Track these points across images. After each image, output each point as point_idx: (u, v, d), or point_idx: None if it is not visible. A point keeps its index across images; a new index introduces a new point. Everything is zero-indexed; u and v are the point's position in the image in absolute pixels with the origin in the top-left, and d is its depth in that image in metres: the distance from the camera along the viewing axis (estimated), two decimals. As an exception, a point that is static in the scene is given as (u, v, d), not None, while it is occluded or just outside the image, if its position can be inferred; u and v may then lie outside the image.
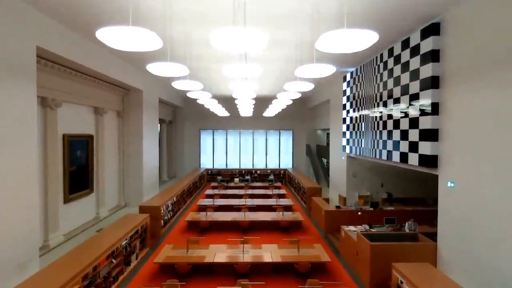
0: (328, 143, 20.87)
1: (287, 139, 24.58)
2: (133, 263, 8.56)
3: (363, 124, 11.50)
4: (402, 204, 12.75)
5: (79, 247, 7.09)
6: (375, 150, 10.34)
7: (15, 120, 6.46)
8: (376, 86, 10.25)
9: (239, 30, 3.98)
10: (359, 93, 11.87)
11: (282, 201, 14.59)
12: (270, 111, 18.07)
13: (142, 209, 10.75)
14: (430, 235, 8.18)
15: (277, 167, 24.20)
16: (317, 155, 22.50)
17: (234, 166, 24.12)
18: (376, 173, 13.61)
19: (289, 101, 12.86)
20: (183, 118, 23.68)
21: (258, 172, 23.13)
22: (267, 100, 18.58)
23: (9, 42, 6.24)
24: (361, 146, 11.63)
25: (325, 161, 21.52)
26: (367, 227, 9.20)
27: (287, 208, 13.67)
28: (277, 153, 24.60)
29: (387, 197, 13.37)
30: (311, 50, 9.10)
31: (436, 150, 7.18)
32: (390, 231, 8.86)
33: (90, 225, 11.16)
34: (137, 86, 13.23)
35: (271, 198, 15.76)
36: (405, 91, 8.35)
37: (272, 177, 21.35)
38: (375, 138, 10.30)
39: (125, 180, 14.26)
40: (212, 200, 14.71)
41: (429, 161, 7.27)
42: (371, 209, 11.23)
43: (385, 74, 9.62)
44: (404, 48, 8.42)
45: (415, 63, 7.86)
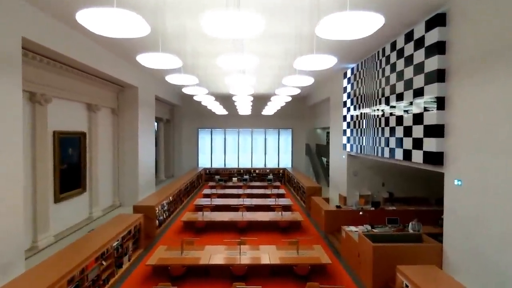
0: (328, 142, 20.55)
1: (287, 138, 24.24)
2: (126, 265, 8.21)
3: (364, 121, 11.16)
4: (404, 204, 12.43)
5: (67, 248, 6.75)
6: (376, 147, 10.00)
7: (-3, 115, 6.12)
8: (378, 81, 9.92)
9: (233, 14, 3.64)
10: (360, 89, 11.54)
11: (281, 201, 14.26)
12: (269, 109, 17.75)
13: (136, 209, 10.41)
14: (434, 236, 7.87)
15: (276, 166, 23.86)
16: (316, 154, 22.17)
17: (233, 165, 23.78)
18: (377, 172, 13.28)
19: (288, 97, 12.51)
20: (181, 117, 23.33)
21: (257, 171, 22.79)
22: (265, 98, 18.23)
23: (-9, 31, 5.91)
24: (362, 144, 11.30)
25: (325, 160, 21.20)
26: (368, 227, 8.87)
27: (286, 208, 13.33)
28: (276, 152, 24.26)
29: (388, 196, 13.03)
30: (311, 43, 8.78)
31: (441, 146, 6.85)
32: (393, 231, 8.53)
33: (82, 226, 10.80)
34: (132, 82, 12.89)
35: (270, 197, 15.43)
36: (409, 85, 8.01)
37: (271, 177, 21.01)
38: (377, 136, 9.97)
39: (120, 179, 13.90)
40: (210, 199, 14.37)
41: (435, 158, 6.93)
42: (373, 208, 10.90)
43: (387, 69, 9.28)
44: (407, 41, 8.09)
45: (419, 56, 7.53)
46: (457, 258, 6.50)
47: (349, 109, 12.83)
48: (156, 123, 21.72)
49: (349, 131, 12.81)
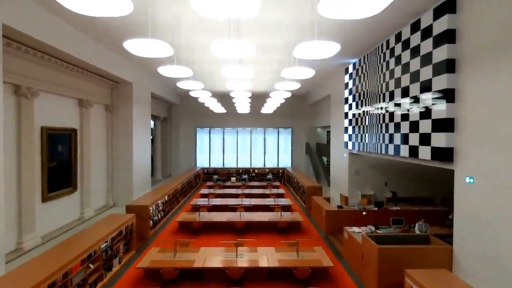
0: (329, 141, 20.14)
1: (286, 138, 23.80)
2: (116, 268, 7.76)
3: (367, 118, 10.73)
4: (408, 204, 12.00)
5: (50, 250, 6.31)
6: (380, 145, 9.57)
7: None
8: (382, 76, 9.49)
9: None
10: (362, 85, 11.11)
11: (280, 201, 13.82)
12: (268, 106, 17.32)
13: (129, 209, 9.98)
14: (441, 237, 7.43)
15: (276, 166, 23.42)
16: (317, 153, 21.73)
17: (232, 165, 23.33)
18: (379, 170, 12.84)
19: (287, 93, 12.06)
20: (179, 116, 22.88)
21: (256, 171, 22.35)
22: (264, 96, 17.78)
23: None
24: (365, 141, 10.86)
25: (325, 159, 20.78)
26: (372, 228, 8.43)
27: (285, 208, 12.89)
28: (275, 151, 23.82)
29: (391, 196, 12.60)
30: (312, 32, 8.33)
31: (451, 142, 6.40)
32: (398, 232, 8.09)
33: (73, 226, 10.34)
34: (126, 78, 12.44)
35: (269, 197, 14.98)
36: (415, 78, 7.58)
37: (270, 176, 20.57)
38: (381, 132, 9.53)
39: (114, 179, 13.44)
40: (207, 199, 13.92)
41: (444, 154, 6.49)
42: (376, 209, 10.47)
43: (391, 61, 8.85)
44: (413, 31, 7.66)
45: (426, 46, 7.10)
46: (469, 261, 6.05)
47: (350, 106, 12.40)
48: (153, 121, 21.29)
49: (350, 128, 12.38)
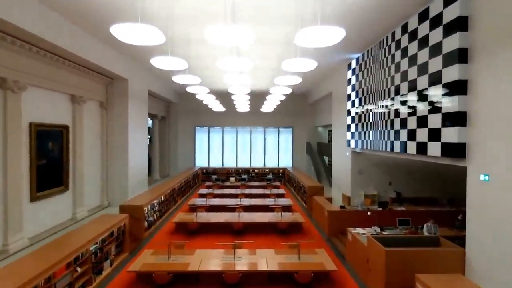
0: (330, 140, 19.71)
1: (287, 137, 23.37)
2: (106, 271, 7.33)
3: (370, 114, 10.30)
4: (413, 204, 11.54)
5: (34, 252, 5.90)
6: (385, 142, 9.13)
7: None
8: (387, 69, 9.06)
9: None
10: (366, 80, 10.68)
11: (281, 201, 13.38)
12: (268, 104, 16.89)
13: (123, 209, 9.55)
14: (451, 239, 6.98)
15: (276, 166, 22.98)
16: (318, 153, 21.29)
17: (231, 165, 22.91)
18: (383, 170, 12.40)
19: (288, 89, 11.60)
20: (177, 114, 22.46)
21: (256, 171, 21.90)
22: (264, 95, 17.32)
23: None
24: (369, 139, 10.43)
25: (326, 159, 20.33)
26: (377, 229, 8.00)
27: (286, 209, 12.45)
28: (276, 151, 23.39)
29: (395, 196, 12.15)
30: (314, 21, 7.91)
31: (464, 137, 5.97)
32: (405, 234, 7.65)
33: (64, 227, 9.91)
34: (121, 74, 12.03)
35: (269, 197, 14.54)
36: (423, 70, 7.15)
37: (270, 176, 20.12)
38: (386, 129, 9.10)
39: (109, 178, 13.02)
40: (205, 199, 13.48)
41: (455, 150, 6.06)
42: (380, 209, 10.02)
43: (397, 54, 8.43)
44: (421, 21, 7.23)
45: (436, 36, 6.68)
46: (483, 264, 5.61)
47: (353, 103, 11.97)
48: (150, 120, 20.89)
49: (353, 126, 11.94)
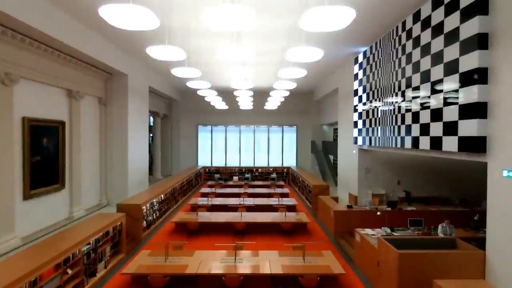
0: (335, 139, 19.23)
1: (291, 136, 22.91)
2: (100, 273, 6.94)
3: (379, 109, 9.82)
4: (423, 204, 11.04)
5: (21, 253, 5.52)
6: (395, 138, 8.65)
7: None
8: (397, 61, 8.58)
9: None
10: (374, 74, 10.21)
11: (285, 201, 12.92)
12: (272, 101, 16.45)
13: (120, 208, 9.17)
14: (466, 241, 6.47)
15: (280, 165, 22.53)
16: (323, 152, 20.78)
17: (234, 164, 22.51)
18: (391, 168, 11.92)
19: (292, 83, 11.12)
20: (179, 112, 22.10)
21: (260, 170, 21.48)
22: (267, 92, 16.84)
23: None
24: (377, 135, 9.95)
25: (332, 158, 19.84)
26: (388, 230, 7.52)
27: (290, 208, 11.99)
28: (280, 150, 22.95)
29: (405, 196, 11.65)
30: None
31: (484, 130, 5.49)
32: (417, 235, 7.17)
33: (60, 227, 9.55)
34: (120, 69, 11.67)
35: (273, 197, 14.10)
36: (437, 60, 6.67)
37: (274, 176, 19.66)
38: (396, 124, 8.62)
39: (107, 176, 12.66)
40: (207, 199, 13.07)
41: (475, 144, 5.58)
42: (389, 209, 9.54)
43: (408, 44, 7.95)
44: (436, 7, 6.76)
45: (452, 22, 6.20)
46: (506, 268, 5.12)
47: (360, 98, 11.49)
48: (152, 117, 20.58)
49: (361, 122, 11.47)
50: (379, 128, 9.78)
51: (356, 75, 11.88)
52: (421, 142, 7.33)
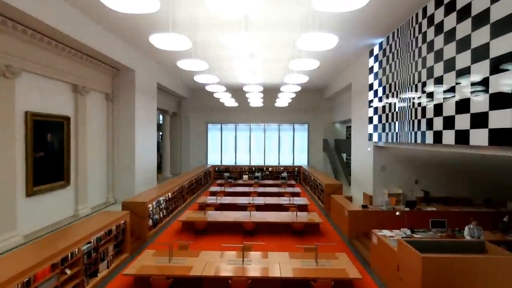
0: (348, 137, 18.62)
1: (302, 134, 22.37)
2: (102, 273, 6.63)
3: (397, 103, 9.25)
4: (442, 204, 10.41)
5: (15, 252, 5.24)
6: (415, 133, 8.08)
7: None
8: (417, 50, 8.01)
9: None
10: (392, 66, 9.64)
11: (296, 200, 12.44)
12: (283, 97, 15.96)
13: (125, 206, 8.88)
14: (496, 244, 5.89)
15: (291, 164, 22.03)
16: (335, 150, 20.20)
17: (244, 163, 22.13)
18: (408, 166, 11.31)
19: (305, 77, 10.58)
20: (189, 110, 21.83)
21: (270, 169, 21.01)
22: (277, 89, 16.34)
23: None
24: (394, 130, 9.38)
25: (345, 156, 19.25)
26: (408, 231, 6.97)
27: (301, 208, 11.50)
28: (290, 149, 22.45)
29: (423, 195, 11.03)
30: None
31: (520, 120, 4.93)
32: (440, 237, 6.61)
33: (65, 225, 9.31)
34: (127, 64, 11.41)
35: (283, 196, 13.63)
36: (464, 46, 6.11)
37: (285, 174, 19.16)
38: (416, 118, 8.05)
39: (115, 174, 12.42)
40: (215, 198, 12.70)
41: (508, 137, 5.01)
42: (407, 209, 8.96)
43: (430, 31, 7.37)
44: (462, -12, 6.20)
45: (480, 3, 5.64)
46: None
47: (376, 92, 10.92)
48: (161, 115, 20.38)
49: (376, 117, 10.89)
50: (397, 123, 9.21)
51: (371, 68, 11.31)
52: (444, 137, 6.76)
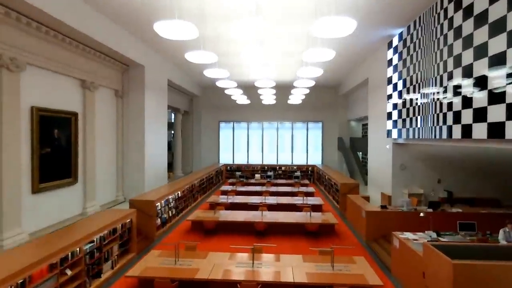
0: (364, 135, 17.96)
1: (316, 133, 21.78)
2: (106, 274, 6.33)
3: (419, 96, 8.64)
4: (467, 206, 9.72)
5: (12, 251, 4.99)
6: (439, 128, 7.47)
7: None
8: (442, 38, 7.40)
9: None
10: (413, 56, 9.02)
11: (310, 200, 11.92)
12: (296, 93, 15.44)
13: (133, 204, 8.61)
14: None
15: (305, 163, 21.48)
16: (351, 149, 19.55)
17: (257, 162, 21.73)
18: (430, 165, 10.64)
19: (319, 71, 10.00)
20: (201, 108, 21.59)
21: (283, 168, 20.52)
22: (291, 85, 15.86)
23: None
24: (416, 126, 8.77)
25: (360, 155, 18.58)
26: (433, 234, 6.39)
27: (315, 208, 10.99)
28: (304, 148, 21.89)
29: (446, 196, 10.34)
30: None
31: None
32: (471, 241, 6.01)
33: (72, 222, 9.08)
34: (136, 59, 11.17)
35: (297, 196, 13.14)
36: (497, 29, 5.51)
37: (298, 174, 18.63)
38: (441, 112, 7.44)
39: (124, 172, 12.22)
40: (226, 197, 12.33)
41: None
42: (430, 210, 8.35)
43: (457, 16, 6.76)
44: (495, -34, 5.59)
45: (519, -20, 5.04)
46: None
47: (396, 86, 10.30)
48: (173, 114, 20.21)
49: (396, 113, 10.27)
50: (419, 117, 8.59)
51: (390, 61, 10.69)
52: (474, 131, 6.15)
